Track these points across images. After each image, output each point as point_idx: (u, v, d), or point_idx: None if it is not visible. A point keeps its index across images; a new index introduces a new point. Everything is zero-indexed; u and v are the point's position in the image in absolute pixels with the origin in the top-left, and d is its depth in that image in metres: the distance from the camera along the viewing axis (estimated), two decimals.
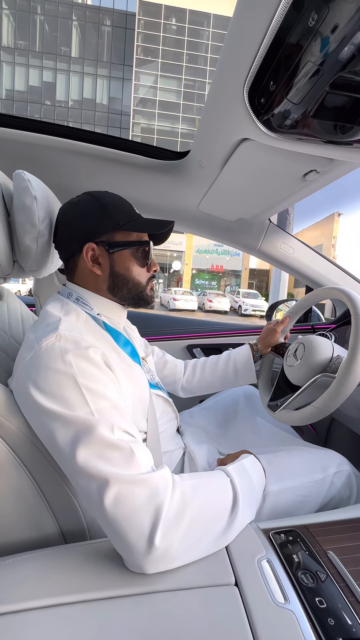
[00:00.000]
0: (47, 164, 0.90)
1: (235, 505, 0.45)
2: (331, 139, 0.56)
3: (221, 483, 0.48)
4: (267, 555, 0.44)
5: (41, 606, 0.37)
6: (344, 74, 0.39)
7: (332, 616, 0.37)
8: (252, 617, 0.36)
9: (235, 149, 0.66)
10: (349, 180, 23.44)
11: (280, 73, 0.41)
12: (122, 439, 0.43)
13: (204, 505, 0.43)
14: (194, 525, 0.41)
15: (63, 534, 0.52)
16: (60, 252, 0.64)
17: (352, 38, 0.34)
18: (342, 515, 0.54)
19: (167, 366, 0.93)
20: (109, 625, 0.36)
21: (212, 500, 0.45)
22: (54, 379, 0.44)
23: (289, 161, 0.66)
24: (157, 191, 0.99)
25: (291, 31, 0.36)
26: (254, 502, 0.51)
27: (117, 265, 0.60)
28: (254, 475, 0.54)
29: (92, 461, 0.40)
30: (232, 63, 0.45)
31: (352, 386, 0.61)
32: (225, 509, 0.45)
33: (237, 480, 0.49)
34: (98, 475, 0.40)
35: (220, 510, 0.45)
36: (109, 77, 26.43)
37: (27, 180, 0.60)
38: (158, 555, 0.39)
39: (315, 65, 0.38)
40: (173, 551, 0.39)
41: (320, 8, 0.32)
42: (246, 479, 0.52)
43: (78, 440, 0.41)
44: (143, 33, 25.73)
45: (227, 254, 24.74)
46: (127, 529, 0.39)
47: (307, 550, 0.46)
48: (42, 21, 25.30)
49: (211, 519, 0.43)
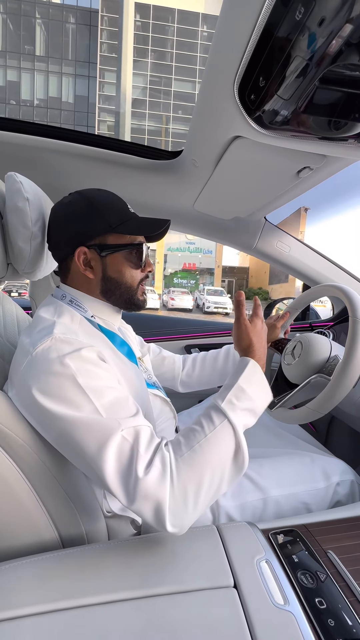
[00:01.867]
0: (39, 166, 0.90)
1: (239, 449, 0.46)
2: (324, 135, 0.56)
3: (220, 434, 0.47)
4: (266, 556, 0.43)
5: (38, 612, 0.37)
6: (333, 68, 0.38)
7: (333, 617, 0.36)
8: (251, 619, 0.35)
9: (228, 146, 0.65)
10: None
11: (270, 69, 0.41)
12: (125, 437, 0.44)
13: (207, 472, 0.44)
14: (200, 495, 0.43)
15: (61, 539, 0.52)
16: (54, 253, 0.63)
17: (339, 31, 0.33)
18: (342, 514, 0.53)
19: (165, 362, 0.92)
20: (107, 630, 0.35)
21: (214, 461, 0.45)
22: (54, 382, 0.44)
23: (282, 158, 0.66)
24: (151, 191, 0.99)
25: (279, 26, 0.36)
26: (256, 416, 0.52)
27: (110, 268, 0.59)
28: (253, 394, 0.52)
29: (99, 457, 0.42)
30: (222, 60, 0.45)
31: (347, 389, 0.60)
32: (228, 458, 0.46)
33: (235, 420, 0.48)
34: (105, 470, 0.42)
35: (224, 464, 0.46)
36: (74, 75, 26.25)
37: (20, 182, 0.60)
38: (177, 530, 0.42)
39: (304, 59, 0.38)
40: (187, 523, 0.43)
41: (306, 1, 0.32)
42: (246, 402, 0.51)
43: (84, 439, 0.43)
44: (107, 30, 25.50)
45: (199, 252, 24.65)
46: (142, 514, 0.42)
47: (306, 550, 0.45)
48: (5, 20, 25.04)
49: (217, 478, 0.45)
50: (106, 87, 26.45)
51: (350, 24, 0.33)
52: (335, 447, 1.11)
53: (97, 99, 26.20)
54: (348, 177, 9.26)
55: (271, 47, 0.38)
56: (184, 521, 0.42)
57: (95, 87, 26.10)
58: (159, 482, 0.41)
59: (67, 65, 26.36)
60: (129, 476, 0.42)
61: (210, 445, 0.45)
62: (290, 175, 0.74)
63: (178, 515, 0.41)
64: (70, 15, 25.99)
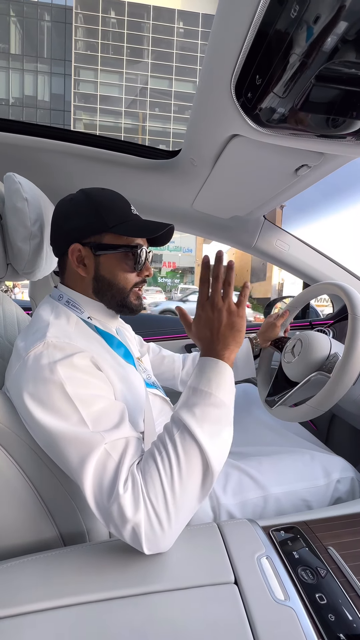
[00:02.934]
0: (38, 166, 0.90)
1: (208, 466, 0.42)
2: (321, 132, 0.56)
3: (187, 451, 0.42)
4: (266, 553, 0.44)
5: (40, 609, 0.37)
6: (329, 65, 0.39)
7: (333, 612, 0.36)
8: (251, 615, 0.36)
9: (226, 145, 0.65)
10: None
11: (266, 67, 0.41)
12: (109, 451, 0.42)
13: (180, 489, 0.41)
14: (176, 515, 0.40)
15: (62, 537, 0.52)
16: (54, 249, 0.63)
17: (334, 28, 0.33)
18: (343, 511, 0.54)
19: (164, 361, 0.92)
20: (108, 626, 0.35)
21: (184, 481, 0.41)
22: (43, 389, 0.44)
23: (279, 156, 0.66)
24: (150, 191, 0.99)
25: (274, 24, 0.36)
26: (226, 423, 0.45)
27: (103, 268, 0.58)
28: (216, 391, 0.45)
29: (81, 470, 0.41)
30: (218, 59, 0.45)
31: (347, 386, 0.60)
32: (199, 475, 0.42)
33: (201, 435, 0.42)
34: (86, 484, 0.41)
35: (196, 479, 0.42)
36: (50, 74, 26.08)
37: (18, 182, 0.60)
38: (155, 551, 0.41)
39: (300, 57, 0.38)
40: (166, 544, 0.41)
41: (301, 0, 0.32)
42: (211, 409, 0.44)
43: (67, 451, 0.42)
44: (82, 27, 25.34)
45: (179, 251, 24.56)
46: (120, 535, 0.41)
47: (307, 546, 0.45)
48: None
49: (190, 494, 0.42)
50: (82, 85, 26.26)
51: (345, 21, 0.33)
52: (336, 445, 1.11)
53: (73, 97, 25.97)
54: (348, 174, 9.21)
55: (267, 46, 0.39)
56: (161, 544, 0.40)
57: (71, 85, 25.86)
58: (133, 503, 0.39)
59: (43, 64, 26.14)
60: (108, 494, 0.40)
61: (172, 458, 0.42)
62: (288, 173, 0.74)
63: (154, 540, 0.40)
64: (45, 12, 25.77)
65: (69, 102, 26.32)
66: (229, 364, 0.48)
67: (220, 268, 0.53)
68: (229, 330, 0.50)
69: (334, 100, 0.48)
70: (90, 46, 25.59)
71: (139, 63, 25.84)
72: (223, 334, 0.50)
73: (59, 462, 0.44)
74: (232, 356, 0.50)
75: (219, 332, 0.50)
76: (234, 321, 0.50)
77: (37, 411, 0.43)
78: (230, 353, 0.49)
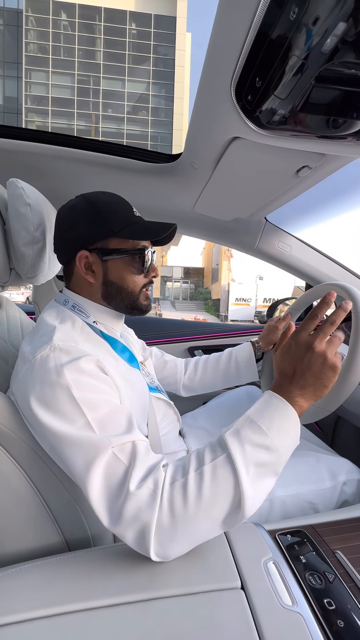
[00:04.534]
0: (41, 172, 0.91)
1: (240, 504, 0.39)
2: (322, 133, 0.56)
3: (222, 479, 0.40)
4: (273, 557, 0.43)
5: (46, 615, 0.37)
6: (329, 66, 0.39)
7: (342, 618, 0.36)
8: (259, 621, 0.35)
9: (227, 148, 0.66)
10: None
11: (266, 69, 0.41)
12: (117, 454, 0.42)
13: (201, 509, 0.39)
14: (188, 528, 0.39)
15: (67, 543, 0.52)
16: (58, 256, 0.64)
17: (333, 29, 0.34)
18: (350, 514, 0.53)
19: (167, 366, 0.92)
20: (114, 632, 0.35)
21: (210, 504, 0.39)
22: (49, 392, 0.44)
23: (280, 158, 0.66)
24: (151, 194, 0.99)
25: (273, 26, 0.36)
26: (275, 469, 0.42)
27: (111, 273, 0.59)
28: (269, 430, 0.42)
29: (87, 474, 0.41)
30: (218, 62, 0.45)
31: (354, 385, 0.60)
32: (226, 507, 0.40)
33: (243, 468, 0.39)
34: (91, 488, 0.40)
35: (222, 509, 0.40)
36: (2, 77, 26.02)
37: (21, 188, 0.61)
38: (160, 559, 0.40)
39: (299, 59, 0.38)
40: (172, 553, 0.40)
41: (300, 1, 0.32)
42: (260, 450, 0.41)
43: (73, 455, 0.42)
44: (33, 30, 25.36)
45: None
46: (125, 538, 0.40)
47: (314, 550, 0.45)
48: None
49: (210, 519, 0.40)
50: (33, 87, 26.18)
51: (344, 22, 0.33)
52: (341, 448, 1.10)
53: (24, 99, 25.87)
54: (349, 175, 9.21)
55: (267, 48, 0.39)
56: (169, 551, 0.39)
57: (23, 87, 25.81)
58: (148, 503, 0.38)
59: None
60: (117, 494, 0.39)
61: (205, 478, 0.39)
62: (289, 175, 0.74)
63: (163, 544, 0.38)
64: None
65: (22, 104, 26.16)
66: (298, 411, 0.44)
67: (341, 315, 0.48)
68: (315, 379, 0.45)
69: (334, 101, 0.48)
70: (41, 48, 25.53)
71: (91, 64, 25.59)
72: (307, 379, 0.45)
73: (64, 467, 0.44)
74: (304, 405, 0.45)
75: (304, 376, 0.45)
76: (325, 373, 0.45)
77: (43, 414, 0.43)
78: (305, 402, 0.45)
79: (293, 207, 0.99)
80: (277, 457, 0.41)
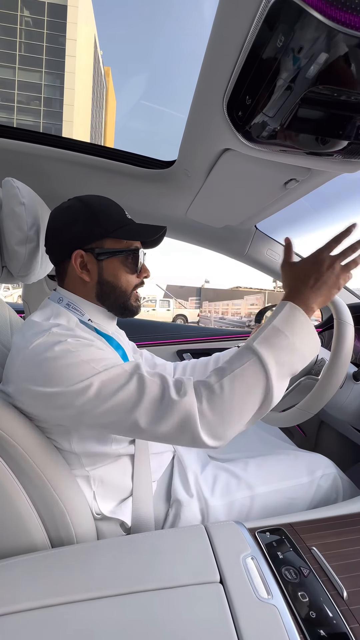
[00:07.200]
0: (36, 172, 0.92)
1: (269, 391, 0.47)
2: (309, 149, 0.59)
3: (252, 373, 0.48)
4: (252, 553, 0.44)
5: (28, 608, 0.37)
6: (313, 89, 0.42)
7: (314, 609, 0.37)
8: (235, 613, 0.36)
9: (218, 158, 0.68)
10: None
11: (255, 89, 0.44)
12: (147, 374, 0.48)
13: (235, 404, 0.46)
14: (232, 415, 0.46)
15: (51, 541, 0.52)
16: (51, 256, 0.64)
17: (317, 58, 0.37)
18: (327, 513, 0.55)
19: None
20: (94, 625, 0.36)
21: (244, 395, 0.47)
22: (53, 365, 0.46)
23: (269, 170, 0.69)
24: (145, 199, 1.01)
25: (263, 51, 0.39)
26: (293, 367, 0.50)
27: (106, 272, 0.60)
28: (292, 335, 0.50)
29: (121, 403, 0.46)
30: (211, 81, 0.48)
31: (334, 388, 0.62)
32: (256, 402, 0.48)
33: (270, 364, 0.47)
34: (129, 415, 0.45)
35: (253, 398, 0.47)
36: None
37: (17, 187, 0.62)
38: (214, 442, 0.46)
39: (286, 81, 0.41)
40: (223, 434, 0.47)
41: (286, 32, 0.35)
42: (284, 353, 0.49)
43: (96, 394, 0.46)
44: None
45: None
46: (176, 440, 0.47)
47: (291, 547, 0.46)
48: None
49: (244, 406, 0.47)
50: None
51: (325, 52, 0.36)
52: (324, 452, 1.13)
53: None
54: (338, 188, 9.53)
55: (256, 70, 0.42)
56: (219, 431, 0.46)
57: None
58: (190, 401, 0.45)
59: None
60: (160, 401, 0.46)
61: (236, 381, 0.47)
62: (277, 187, 0.77)
63: (212, 426, 0.45)
64: None
65: None
66: (309, 315, 0.53)
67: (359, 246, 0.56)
68: (329, 289, 0.54)
69: (319, 120, 0.51)
70: None
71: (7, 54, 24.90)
72: (321, 289, 0.54)
73: (105, 418, 0.47)
74: (314, 308, 0.54)
75: (320, 287, 0.54)
76: (337, 283, 0.54)
77: (51, 389, 0.46)
78: (317, 307, 0.54)
79: (283, 216, 1.03)
80: (298, 357, 0.50)
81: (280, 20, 0.34)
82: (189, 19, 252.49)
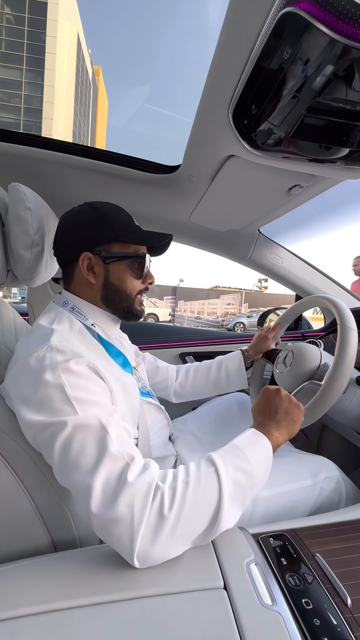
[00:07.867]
0: (42, 177, 0.93)
1: (218, 513, 0.43)
2: (313, 157, 0.60)
3: (208, 487, 0.44)
4: (255, 559, 0.44)
5: (31, 613, 0.37)
6: (318, 100, 0.42)
7: (318, 617, 0.37)
8: (239, 619, 0.36)
9: (223, 164, 0.69)
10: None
11: (261, 98, 0.45)
12: (118, 448, 0.43)
13: (186, 511, 0.42)
14: (174, 531, 0.41)
15: (54, 544, 0.52)
16: (59, 258, 0.65)
17: (323, 70, 0.37)
18: (330, 519, 0.55)
19: (159, 372, 0.93)
20: (98, 631, 0.36)
21: (195, 507, 0.42)
22: (43, 391, 0.45)
23: (273, 176, 0.70)
24: (149, 203, 1.02)
25: (269, 62, 0.39)
26: (245, 498, 0.47)
27: (112, 275, 0.61)
28: (250, 457, 0.48)
29: (75, 468, 0.42)
30: (217, 89, 0.49)
31: (338, 393, 0.62)
32: (207, 514, 0.43)
33: (225, 482, 0.44)
34: (82, 480, 0.42)
35: (203, 516, 0.43)
36: None
37: (23, 192, 0.62)
38: (143, 558, 0.41)
39: (292, 92, 0.42)
40: (158, 553, 0.41)
41: (293, 44, 0.35)
42: (240, 473, 0.47)
43: (62, 442, 0.43)
44: None
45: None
46: (110, 535, 0.41)
47: (295, 553, 0.46)
48: None
49: (192, 524, 0.42)
50: None
51: (331, 65, 0.36)
52: (326, 455, 1.13)
53: None
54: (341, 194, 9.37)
55: (262, 80, 0.42)
56: (149, 552, 0.40)
57: None
58: (144, 495, 0.40)
59: None
60: (115, 485, 0.41)
61: (191, 490, 0.43)
62: (281, 192, 0.78)
63: (147, 544, 0.40)
64: None
65: None
66: (273, 444, 0.53)
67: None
68: (285, 415, 0.57)
69: (324, 129, 0.52)
70: None
71: None
72: (279, 415, 0.56)
73: (58, 458, 0.44)
74: (280, 440, 0.54)
75: (277, 413, 0.56)
76: (293, 410, 0.57)
77: (33, 415, 0.44)
78: (280, 436, 0.54)
79: (286, 221, 1.03)
80: (251, 485, 0.47)
81: (287, 32, 0.35)
82: (188, 18, 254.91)
